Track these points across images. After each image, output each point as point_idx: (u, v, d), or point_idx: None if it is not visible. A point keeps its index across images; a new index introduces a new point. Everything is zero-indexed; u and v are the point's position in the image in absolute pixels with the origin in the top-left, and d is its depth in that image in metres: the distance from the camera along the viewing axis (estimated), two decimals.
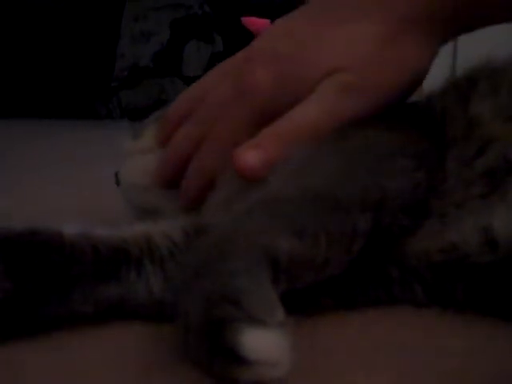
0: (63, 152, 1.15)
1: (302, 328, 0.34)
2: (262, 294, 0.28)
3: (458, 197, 0.38)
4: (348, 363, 0.31)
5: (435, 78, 0.48)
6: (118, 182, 0.61)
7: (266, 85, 0.43)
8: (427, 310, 0.37)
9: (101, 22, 1.99)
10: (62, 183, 0.80)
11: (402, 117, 0.43)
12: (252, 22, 2.43)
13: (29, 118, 1.74)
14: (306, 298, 0.36)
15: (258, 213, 0.34)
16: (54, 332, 0.33)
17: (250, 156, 0.40)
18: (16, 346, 0.32)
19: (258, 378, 0.26)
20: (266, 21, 2.46)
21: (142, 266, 0.35)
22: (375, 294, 0.38)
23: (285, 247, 0.31)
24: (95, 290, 0.34)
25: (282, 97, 0.43)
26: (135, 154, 0.52)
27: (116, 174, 0.61)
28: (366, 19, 0.43)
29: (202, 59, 1.99)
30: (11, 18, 1.94)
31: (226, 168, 0.44)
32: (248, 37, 0.52)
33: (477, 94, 0.41)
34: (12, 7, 1.93)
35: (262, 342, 0.26)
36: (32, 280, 0.32)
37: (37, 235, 0.34)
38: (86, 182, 0.77)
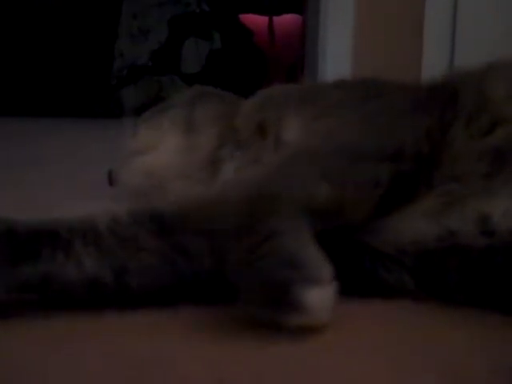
0: (62, 150, 1.15)
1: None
2: (312, 255, 0.34)
3: (463, 169, 0.39)
4: (348, 360, 0.31)
5: (435, 72, 0.48)
6: (111, 182, 0.60)
7: None
8: (426, 305, 0.37)
9: (99, 19, 1.99)
10: (60, 180, 0.80)
11: (417, 88, 0.47)
12: (250, 19, 2.43)
13: (27, 116, 1.74)
14: None
15: (294, 164, 0.39)
16: (51, 325, 0.33)
17: None
18: (11, 338, 0.32)
19: (309, 323, 0.32)
20: (265, 18, 2.47)
21: (72, 246, 0.35)
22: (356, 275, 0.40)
23: (322, 195, 0.36)
24: (12, 272, 0.34)
25: None
26: (133, 154, 0.52)
27: (109, 174, 0.60)
28: None
29: (201, 56, 1.99)
30: (10, 17, 1.94)
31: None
32: (246, 34, 0.52)
33: (494, 77, 0.43)
34: (11, 6, 1.93)
35: (318, 296, 0.32)
36: None
37: None
38: (84, 180, 0.77)
